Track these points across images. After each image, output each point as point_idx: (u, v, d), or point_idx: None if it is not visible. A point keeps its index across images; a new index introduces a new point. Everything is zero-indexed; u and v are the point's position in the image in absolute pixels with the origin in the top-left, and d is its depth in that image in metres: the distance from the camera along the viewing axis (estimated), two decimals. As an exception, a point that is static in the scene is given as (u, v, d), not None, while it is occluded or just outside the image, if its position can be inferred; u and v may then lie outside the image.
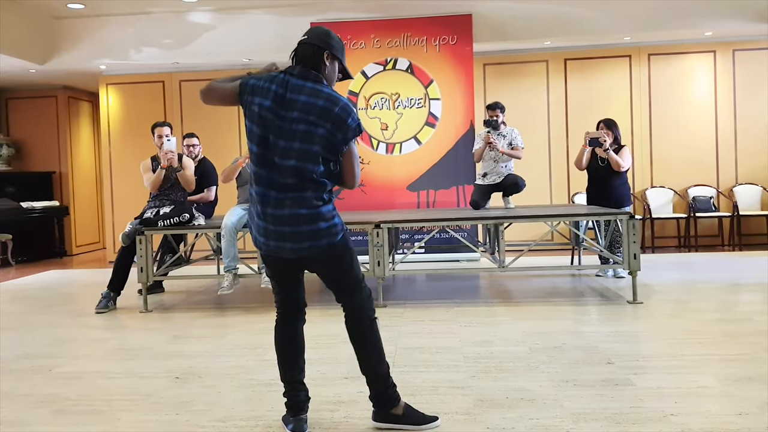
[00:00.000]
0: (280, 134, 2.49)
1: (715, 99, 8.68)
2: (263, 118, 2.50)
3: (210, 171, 6.18)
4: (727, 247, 8.46)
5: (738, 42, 8.57)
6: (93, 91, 10.45)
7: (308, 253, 2.57)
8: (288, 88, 2.51)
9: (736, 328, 4.16)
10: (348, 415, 2.84)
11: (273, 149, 2.50)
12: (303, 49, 2.59)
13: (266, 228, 2.56)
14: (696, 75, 8.71)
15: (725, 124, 8.68)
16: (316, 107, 2.49)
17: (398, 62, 7.76)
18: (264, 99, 2.51)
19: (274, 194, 2.52)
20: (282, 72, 2.58)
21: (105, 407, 3.08)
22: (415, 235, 7.47)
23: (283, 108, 2.49)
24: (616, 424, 2.64)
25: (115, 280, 5.52)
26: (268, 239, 2.57)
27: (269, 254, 2.62)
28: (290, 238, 2.53)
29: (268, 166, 2.52)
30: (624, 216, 5.15)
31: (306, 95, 2.50)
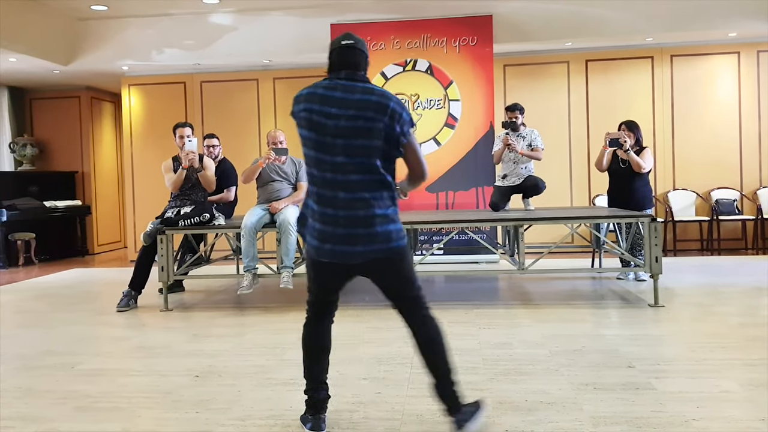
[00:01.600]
0: (338, 134, 2.48)
1: (739, 100, 8.56)
2: (315, 122, 2.50)
3: (230, 171, 6.22)
4: (751, 251, 8.34)
5: (763, 43, 8.45)
6: (115, 92, 10.58)
7: (380, 255, 2.53)
8: (338, 89, 2.52)
9: (759, 332, 4.10)
10: (367, 416, 2.84)
11: (333, 150, 2.49)
12: (351, 52, 2.60)
13: (334, 232, 2.51)
14: (720, 76, 8.60)
15: (749, 126, 8.55)
16: (372, 103, 2.50)
17: (418, 63, 7.76)
18: (312, 103, 2.52)
19: (343, 195, 2.49)
20: (325, 78, 2.60)
21: (126, 404, 3.11)
22: (433, 237, 7.45)
23: (337, 108, 2.49)
24: (637, 428, 2.61)
25: (136, 279, 5.57)
26: (336, 243, 2.52)
27: (333, 260, 2.55)
28: (362, 241, 2.50)
29: (332, 168, 2.50)
30: (645, 218, 5.10)
31: (359, 93, 2.51)
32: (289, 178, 5.55)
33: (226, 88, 9.32)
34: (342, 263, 2.56)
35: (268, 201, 5.44)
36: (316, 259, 2.61)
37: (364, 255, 2.52)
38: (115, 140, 11.11)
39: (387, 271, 2.61)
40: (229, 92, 9.32)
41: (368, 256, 2.53)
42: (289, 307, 5.36)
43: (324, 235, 2.53)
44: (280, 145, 5.50)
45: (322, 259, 2.58)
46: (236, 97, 9.31)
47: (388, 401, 3.01)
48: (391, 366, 3.58)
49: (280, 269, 5.20)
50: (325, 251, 2.55)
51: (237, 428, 2.76)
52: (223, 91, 9.33)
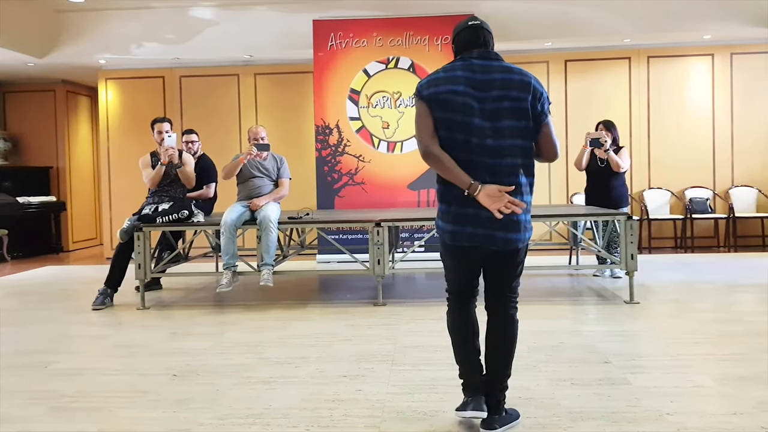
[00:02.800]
0: (485, 116, 2.44)
1: (713, 102, 8.70)
2: (461, 103, 2.44)
3: (209, 167, 6.18)
4: (723, 249, 8.49)
5: (736, 45, 8.59)
6: (92, 86, 10.43)
7: (514, 246, 2.50)
8: (476, 70, 2.48)
9: (732, 328, 4.18)
10: (347, 413, 2.85)
11: (481, 133, 2.43)
12: (479, 32, 2.57)
13: (478, 215, 2.44)
14: (694, 78, 8.73)
15: (722, 126, 8.70)
16: (514, 81, 2.46)
17: (400, 61, 7.76)
18: (454, 85, 2.46)
19: (490, 179, 2.44)
20: (458, 59, 2.56)
21: (103, 404, 3.08)
22: (415, 234, 7.48)
23: (479, 90, 2.45)
24: (613, 423, 2.66)
25: (112, 276, 5.50)
26: (477, 227, 2.45)
27: (473, 245, 2.49)
28: (504, 227, 2.44)
29: (480, 151, 2.44)
30: (622, 217, 5.17)
31: (499, 72, 2.48)
32: (270, 175, 5.53)
33: (206, 83, 9.25)
34: (481, 246, 2.50)
35: (249, 198, 5.41)
36: (452, 245, 2.54)
37: (503, 242, 2.48)
38: (92, 135, 10.96)
39: (510, 260, 2.56)
40: (209, 87, 9.25)
41: (508, 245, 2.49)
42: (270, 305, 5.34)
43: (464, 219, 2.47)
44: (262, 141, 5.48)
45: (462, 243, 2.51)
46: (217, 93, 9.24)
47: (369, 398, 3.02)
48: (372, 363, 3.59)
49: (260, 267, 5.18)
50: (466, 234, 2.49)
51: (216, 427, 2.75)
52: (204, 86, 9.25)
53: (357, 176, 7.78)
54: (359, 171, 7.79)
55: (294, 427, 2.71)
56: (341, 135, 7.79)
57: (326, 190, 7.80)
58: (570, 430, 2.60)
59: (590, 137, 5.99)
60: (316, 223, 5.49)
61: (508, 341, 2.61)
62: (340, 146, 7.79)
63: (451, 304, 2.71)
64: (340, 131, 7.80)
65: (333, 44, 7.74)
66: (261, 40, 8.26)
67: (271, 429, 2.71)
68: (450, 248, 2.58)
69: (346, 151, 7.80)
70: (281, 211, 5.52)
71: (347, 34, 7.75)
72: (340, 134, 7.79)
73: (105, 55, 8.59)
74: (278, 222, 5.25)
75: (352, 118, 7.81)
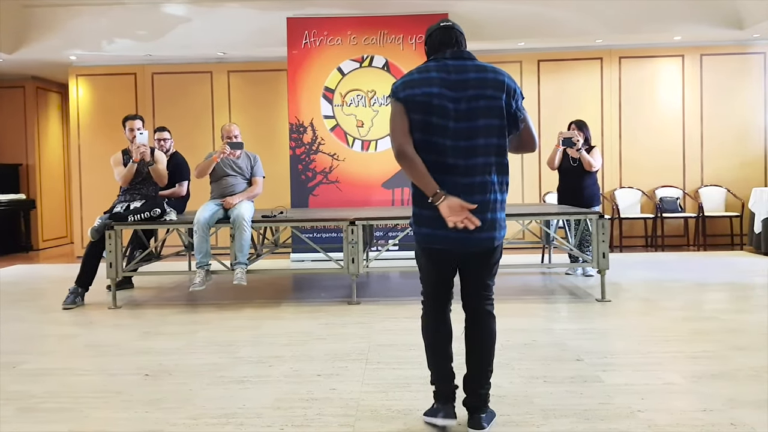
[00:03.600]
0: (460, 117, 2.44)
1: (683, 102, 8.85)
2: (436, 106, 2.44)
3: (182, 165, 6.12)
4: (692, 247, 8.64)
5: (706, 47, 8.75)
6: (62, 82, 10.24)
7: (488, 245, 2.51)
8: (450, 71, 2.48)
9: (701, 326, 4.26)
10: (321, 412, 2.84)
11: (456, 135, 2.44)
12: (451, 32, 2.58)
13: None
14: (665, 78, 8.87)
15: (692, 127, 8.86)
16: (489, 80, 2.47)
17: (375, 59, 7.76)
18: (429, 87, 2.46)
19: (464, 180, 2.45)
20: (431, 59, 2.56)
21: (73, 405, 3.03)
22: (389, 233, 7.49)
23: (454, 90, 2.45)
24: (585, 420, 2.69)
25: (82, 275, 5.43)
26: (450, 230, 2.44)
27: (447, 247, 2.50)
28: (478, 227, 2.44)
29: (454, 153, 2.45)
30: (593, 215, 5.23)
31: (473, 72, 2.48)
32: (243, 173, 5.49)
33: (178, 81, 9.15)
34: (456, 249, 2.50)
35: (222, 196, 5.37)
36: (427, 247, 2.54)
37: (478, 242, 2.49)
38: (62, 132, 10.77)
39: (486, 259, 2.57)
40: (182, 84, 9.15)
41: (482, 244, 2.50)
42: (243, 304, 5.31)
43: (438, 222, 2.46)
44: (235, 139, 5.44)
45: (436, 246, 2.51)
46: (189, 90, 9.14)
47: (343, 397, 3.02)
48: (346, 362, 3.59)
49: (233, 265, 5.14)
50: (439, 237, 2.49)
51: (189, 427, 2.73)
52: (176, 83, 9.15)
53: (331, 175, 7.77)
54: (333, 169, 7.77)
55: (268, 426, 2.70)
56: (315, 133, 7.76)
57: (300, 188, 7.77)
58: (543, 427, 2.63)
59: (563, 137, 6.05)
60: (290, 222, 5.47)
61: (487, 338, 2.63)
62: (314, 144, 7.77)
63: (426, 309, 2.69)
64: (315, 129, 7.77)
65: (307, 42, 7.71)
66: (234, 38, 8.19)
67: (245, 429, 2.69)
68: (425, 251, 2.59)
69: (320, 150, 7.77)
70: (255, 209, 5.49)
71: (321, 32, 7.73)
72: (315, 132, 7.77)
73: (75, 51, 8.45)
74: (252, 220, 5.22)
75: (327, 116, 7.79)
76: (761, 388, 3.01)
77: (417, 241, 2.60)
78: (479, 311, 2.63)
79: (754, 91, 8.78)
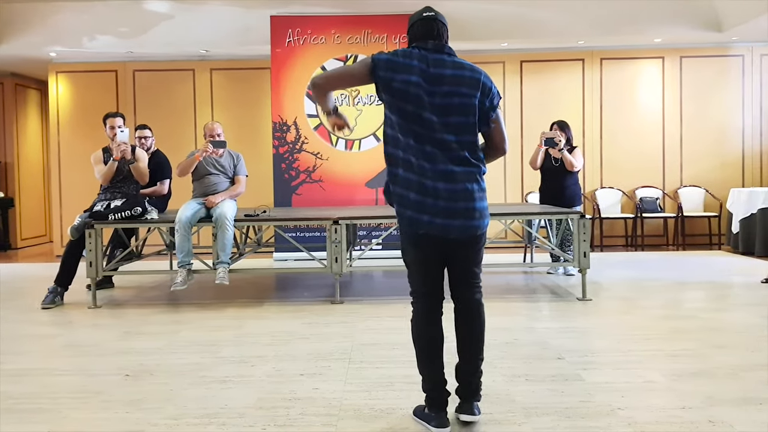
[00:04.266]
0: (434, 110, 2.47)
1: (663, 104, 8.95)
2: (412, 94, 2.46)
3: (164, 164, 6.07)
4: (672, 247, 8.74)
5: (686, 49, 8.86)
6: (42, 79, 10.12)
7: (472, 233, 2.54)
8: (429, 63, 2.50)
9: (681, 324, 4.31)
10: (303, 412, 2.83)
11: (431, 126, 2.47)
12: (433, 24, 2.59)
13: (435, 204, 2.48)
14: (645, 80, 8.97)
15: (672, 128, 8.96)
16: (465, 78, 2.50)
17: (358, 59, 7.76)
18: (409, 75, 2.47)
19: (442, 167, 2.48)
20: (415, 47, 2.56)
21: (51, 405, 2.99)
22: (372, 232, 7.49)
23: (431, 83, 2.48)
24: (567, 418, 2.71)
25: (62, 274, 5.37)
26: (435, 216, 2.48)
27: (431, 233, 2.51)
28: (462, 215, 2.49)
29: (431, 142, 2.48)
30: (575, 215, 5.27)
31: (450, 68, 2.51)
32: (226, 172, 5.46)
33: (160, 78, 9.07)
34: (439, 236, 2.52)
35: (205, 195, 5.34)
36: (411, 231, 2.55)
37: (461, 230, 2.51)
38: (41, 130, 10.64)
39: (470, 247, 2.60)
40: (163, 82, 9.07)
41: (465, 232, 2.52)
42: (226, 304, 5.28)
43: (423, 207, 2.49)
44: (218, 137, 5.40)
45: (420, 231, 2.53)
46: (171, 88, 9.07)
47: (326, 396, 3.02)
48: (329, 362, 3.58)
49: (215, 265, 5.11)
50: (428, 224, 2.50)
51: (170, 428, 2.71)
52: (158, 80, 9.08)
53: (315, 174, 7.75)
54: (317, 168, 7.75)
55: (250, 426, 2.69)
56: (299, 132, 7.75)
57: (283, 187, 7.75)
58: (524, 425, 2.65)
59: (545, 137, 6.09)
60: (273, 221, 5.45)
61: (477, 327, 2.66)
62: (297, 143, 7.75)
63: (416, 311, 2.67)
64: (298, 128, 7.75)
65: (291, 40, 7.69)
66: (217, 35, 8.14)
67: (227, 429, 2.67)
68: (409, 235, 2.59)
69: (303, 149, 7.76)
70: (237, 208, 5.46)
71: (305, 31, 7.71)
72: (298, 131, 7.75)
73: (56, 48, 8.35)
74: (234, 219, 5.19)
75: (310, 115, 7.77)
76: (739, 386, 3.06)
77: (401, 226, 2.61)
78: (468, 300, 2.66)
79: (733, 92, 8.90)
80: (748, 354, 3.58)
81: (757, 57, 8.86)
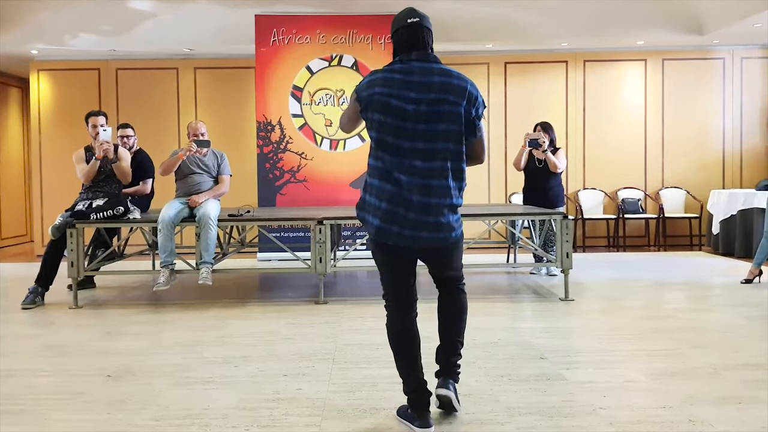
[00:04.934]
0: (419, 119, 2.47)
1: (645, 106, 9.04)
2: (394, 106, 2.47)
3: (146, 163, 6.03)
4: (653, 248, 8.83)
5: (668, 51, 8.95)
6: (23, 77, 10.00)
7: (441, 244, 2.57)
8: (415, 73, 2.50)
9: (661, 324, 4.35)
10: (287, 412, 2.83)
11: (413, 136, 2.47)
12: (420, 31, 2.58)
13: (406, 216, 2.49)
14: (628, 82, 9.05)
15: (654, 130, 9.05)
16: (452, 86, 2.50)
17: (344, 59, 7.75)
18: (391, 88, 2.48)
19: (420, 181, 2.48)
20: (397, 61, 2.57)
21: (32, 407, 2.96)
22: (357, 232, 7.49)
23: (416, 92, 2.47)
24: (549, 417, 2.73)
25: (43, 274, 5.31)
26: (404, 227, 2.50)
27: (399, 244, 2.54)
28: (430, 228, 2.51)
29: (411, 154, 2.47)
30: (558, 216, 5.31)
31: (438, 75, 2.51)
32: (210, 171, 5.43)
33: (143, 77, 9.01)
34: (407, 247, 2.55)
35: (188, 194, 5.31)
36: (379, 241, 2.58)
37: (428, 241, 2.54)
38: (22, 128, 10.51)
39: (442, 253, 2.64)
40: (147, 81, 9.01)
41: (433, 244, 2.56)
42: (209, 304, 5.26)
43: (393, 218, 2.50)
44: (202, 136, 5.37)
45: (388, 242, 2.55)
46: (155, 86, 9.01)
47: (309, 397, 3.02)
48: (313, 362, 3.58)
49: (199, 265, 5.08)
50: (393, 234, 2.52)
51: (152, 429, 2.69)
52: (141, 79, 9.01)
53: (299, 174, 7.74)
54: (301, 168, 7.74)
55: (233, 427, 2.68)
56: (283, 132, 7.72)
57: (268, 187, 7.72)
58: (508, 425, 2.66)
59: (529, 138, 6.13)
60: (257, 221, 5.43)
61: (457, 310, 2.74)
62: (282, 143, 7.73)
63: (389, 314, 2.71)
64: (283, 128, 7.73)
65: (275, 40, 7.66)
66: (201, 34, 8.10)
67: (210, 430, 2.66)
68: (378, 245, 2.61)
69: (288, 149, 7.73)
70: (221, 208, 5.44)
71: (290, 30, 7.69)
72: (283, 131, 7.72)
73: (37, 45, 8.26)
74: (218, 219, 5.17)
75: (295, 115, 7.75)
76: (719, 386, 3.10)
77: (368, 233, 2.63)
78: (450, 289, 2.76)
79: (714, 95, 9.01)
80: (727, 354, 3.63)
81: (738, 60, 8.98)
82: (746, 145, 9.04)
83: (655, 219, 8.84)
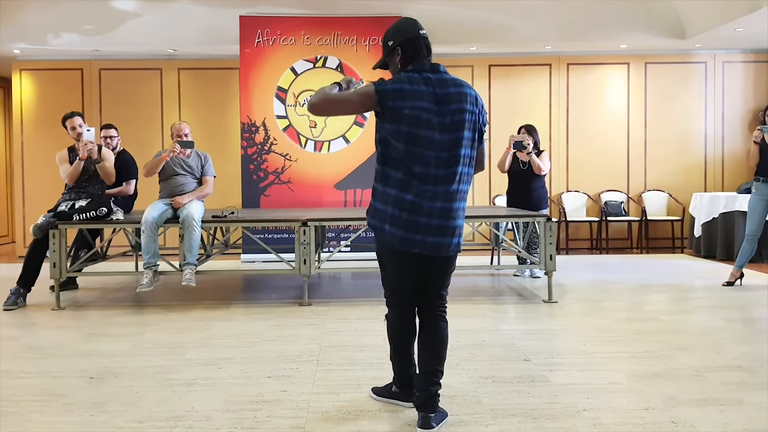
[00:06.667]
0: (444, 129, 2.52)
1: (628, 109, 9.13)
2: (424, 119, 2.51)
3: (129, 164, 5.98)
4: (636, 250, 8.91)
5: (650, 55, 9.05)
6: (5, 77, 9.90)
7: (457, 250, 2.64)
8: (434, 85, 2.55)
9: (644, 326, 4.39)
10: (271, 414, 2.82)
11: (439, 146, 2.52)
12: (426, 42, 2.65)
13: (428, 224, 2.53)
14: (611, 85, 9.13)
15: (636, 133, 9.13)
16: (465, 94, 2.57)
17: (328, 60, 7.74)
18: (420, 101, 2.52)
19: (443, 188, 2.54)
20: (414, 71, 2.58)
21: (13, 408, 2.93)
22: (341, 234, 7.48)
23: (440, 104, 2.53)
24: (533, 419, 2.74)
25: (25, 275, 5.25)
26: (427, 235, 2.54)
27: (423, 252, 2.56)
28: (450, 233, 2.58)
29: (436, 164, 2.52)
30: (541, 218, 5.34)
31: (453, 86, 2.57)
32: (194, 172, 5.40)
33: (127, 77, 8.94)
34: (431, 255, 2.58)
35: (171, 195, 5.28)
36: (402, 250, 2.58)
37: (451, 247, 2.60)
38: (4, 128, 10.40)
39: (450, 263, 2.69)
40: (130, 81, 8.94)
41: (454, 249, 2.62)
42: (192, 306, 5.23)
43: (416, 227, 2.53)
44: (185, 137, 5.35)
45: (413, 250, 2.56)
46: (138, 87, 8.94)
47: (294, 399, 3.01)
48: (297, 364, 3.57)
49: (182, 266, 5.06)
50: (417, 242, 2.55)
51: (135, 431, 2.67)
52: (124, 79, 8.94)
53: (283, 175, 7.72)
54: (286, 170, 7.72)
55: (217, 429, 2.66)
56: (268, 133, 7.70)
57: (252, 188, 7.70)
58: (491, 427, 2.67)
59: (514, 140, 6.16)
60: (241, 222, 5.41)
61: (439, 341, 2.70)
62: (266, 144, 7.71)
63: (391, 316, 2.82)
64: (267, 129, 7.71)
65: (260, 41, 7.64)
66: (185, 34, 8.06)
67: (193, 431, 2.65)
68: (399, 253, 2.62)
69: (272, 150, 7.72)
70: (205, 209, 5.41)
71: (275, 32, 7.67)
72: (267, 132, 7.71)
73: (20, 45, 8.16)
74: (202, 220, 5.15)
75: (279, 116, 7.74)
76: (701, 387, 3.13)
77: (387, 243, 2.61)
78: (433, 317, 2.74)
79: (696, 99, 9.12)
80: (709, 355, 3.67)
81: (720, 64, 9.09)
82: (728, 148, 9.16)
83: (637, 222, 8.92)
